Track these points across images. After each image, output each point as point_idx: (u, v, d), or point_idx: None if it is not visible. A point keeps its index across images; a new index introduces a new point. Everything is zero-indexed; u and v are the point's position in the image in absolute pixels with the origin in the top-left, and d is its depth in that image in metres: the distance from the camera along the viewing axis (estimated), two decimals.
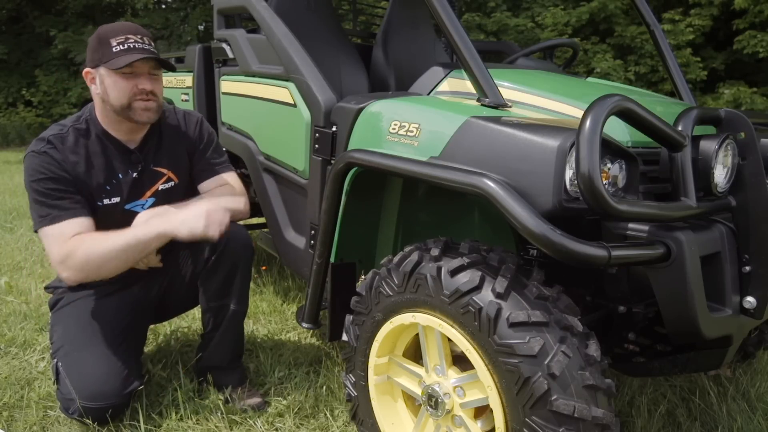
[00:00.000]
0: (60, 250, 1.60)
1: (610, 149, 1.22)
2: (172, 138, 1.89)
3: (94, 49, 1.68)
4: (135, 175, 1.81)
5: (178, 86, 3.03)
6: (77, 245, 1.60)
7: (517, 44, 5.52)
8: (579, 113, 1.41)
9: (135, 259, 1.63)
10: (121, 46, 1.64)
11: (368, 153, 1.55)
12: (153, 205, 1.84)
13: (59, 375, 1.71)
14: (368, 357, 1.56)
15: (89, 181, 1.74)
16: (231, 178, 1.95)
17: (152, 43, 1.72)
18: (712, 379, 2.08)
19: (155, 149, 1.86)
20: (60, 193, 1.65)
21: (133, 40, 1.66)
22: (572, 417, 1.14)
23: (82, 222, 1.65)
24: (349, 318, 1.62)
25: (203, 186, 1.92)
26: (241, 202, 1.89)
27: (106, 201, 1.77)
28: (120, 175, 1.79)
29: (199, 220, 1.58)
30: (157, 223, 1.60)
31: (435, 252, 1.37)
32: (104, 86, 1.68)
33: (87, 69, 1.71)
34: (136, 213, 1.81)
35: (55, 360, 1.75)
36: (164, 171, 1.87)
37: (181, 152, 1.91)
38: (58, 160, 1.68)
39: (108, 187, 1.77)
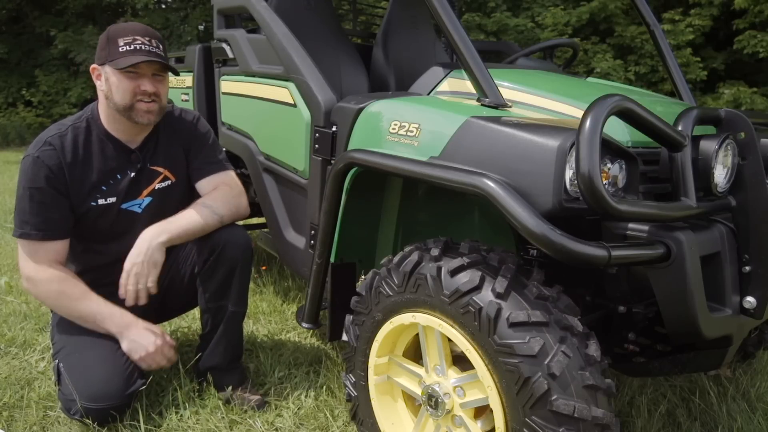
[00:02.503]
0: (30, 271, 1.72)
1: (610, 149, 1.22)
2: (169, 136, 1.89)
3: (102, 46, 1.70)
4: (133, 174, 1.81)
5: (178, 86, 3.03)
6: (43, 281, 1.71)
7: (517, 44, 5.52)
8: (579, 113, 1.41)
9: (85, 325, 1.75)
10: (127, 47, 1.65)
11: (368, 153, 1.55)
12: (150, 205, 1.84)
13: (60, 376, 1.71)
14: (368, 357, 1.56)
15: (84, 182, 1.74)
16: (229, 177, 1.93)
17: (161, 46, 1.72)
18: (712, 379, 2.08)
19: (153, 148, 1.86)
20: (46, 206, 1.69)
21: (140, 42, 1.66)
22: (572, 417, 1.14)
23: (57, 248, 1.73)
24: (349, 318, 1.62)
25: (200, 185, 1.91)
26: (239, 204, 1.89)
27: (101, 201, 1.77)
28: (119, 176, 1.79)
29: (138, 352, 1.72)
30: (116, 322, 1.73)
31: (435, 252, 1.37)
32: (109, 85, 1.69)
33: (94, 65, 1.72)
34: (132, 212, 1.82)
35: (57, 360, 1.75)
36: (161, 170, 1.87)
37: (178, 151, 1.90)
38: (52, 167, 1.68)
39: (104, 188, 1.77)
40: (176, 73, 1.79)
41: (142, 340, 1.73)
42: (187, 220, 1.77)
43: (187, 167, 1.93)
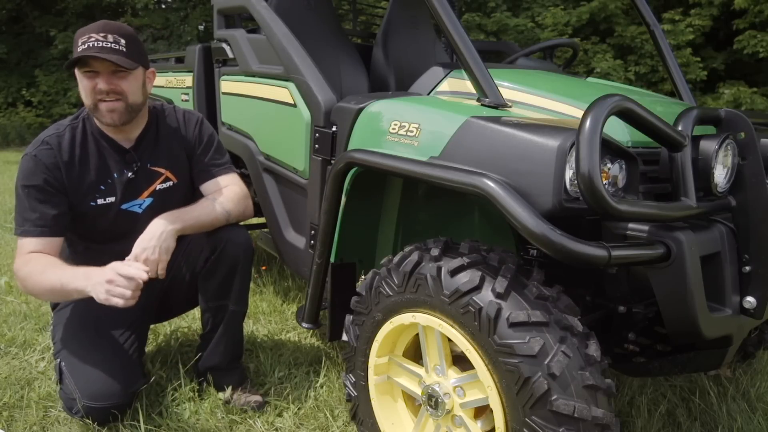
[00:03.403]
0: (16, 261, 1.68)
1: (610, 149, 1.22)
2: (170, 137, 1.89)
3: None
4: (131, 174, 1.80)
5: (178, 86, 3.03)
6: (23, 264, 1.65)
7: (517, 44, 5.52)
8: (579, 113, 1.41)
9: (61, 298, 1.67)
10: (83, 45, 1.61)
11: (368, 153, 1.55)
12: (151, 205, 1.84)
13: (62, 375, 1.71)
14: (368, 357, 1.56)
15: (82, 182, 1.74)
16: (233, 179, 1.93)
17: (122, 41, 1.64)
18: (712, 379, 2.08)
19: (152, 149, 1.85)
20: (43, 204, 1.68)
21: (94, 39, 1.61)
22: (572, 417, 1.14)
23: (52, 244, 1.69)
24: (349, 318, 1.62)
25: (206, 186, 1.91)
26: (247, 206, 1.89)
27: (99, 201, 1.76)
28: (115, 175, 1.79)
29: (99, 290, 1.52)
30: (84, 276, 1.56)
31: (435, 252, 1.37)
32: (79, 87, 1.69)
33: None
34: (133, 213, 1.81)
35: (58, 360, 1.75)
36: (162, 171, 1.87)
37: (180, 152, 1.90)
38: (48, 165, 1.68)
39: (102, 187, 1.77)
40: (129, 68, 1.65)
41: (99, 282, 1.53)
42: (198, 212, 1.76)
43: (189, 169, 1.93)
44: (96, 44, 1.60)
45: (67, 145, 1.72)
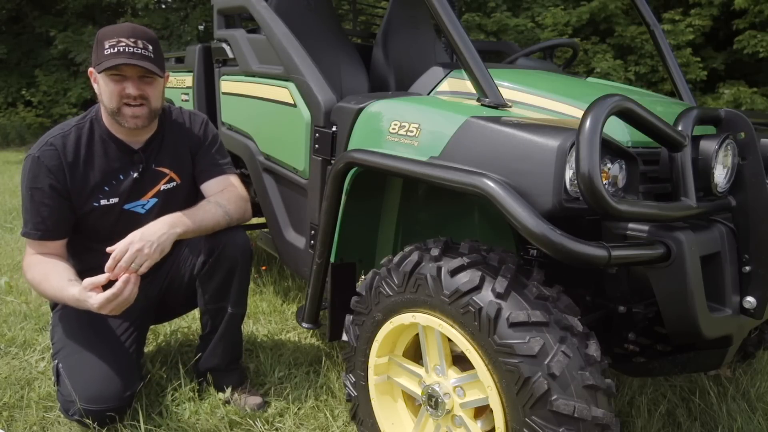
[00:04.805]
0: (23, 260, 1.76)
1: (610, 149, 1.22)
2: (176, 138, 1.89)
3: (93, 49, 1.69)
4: (136, 175, 1.81)
5: (178, 86, 3.03)
6: (28, 267, 1.74)
7: (517, 44, 5.52)
8: (579, 113, 1.41)
9: (60, 302, 1.73)
10: (111, 49, 1.61)
11: (368, 153, 1.55)
12: (155, 206, 1.84)
13: (60, 376, 1.71)
14: (368, 357, 1.56)
15: (86, 183, 1.74)
16: (233, 181, 1.93)
17: (150, 47, 1.66)
18: (712, 379, 2.08)
19: (158, 149, 1.85)
20: (45, 207, 1.70)
21: (124, 44, 1.62)
22: (572, 417, 1.14)
23: (55, 246, 1.75)
24: (349, 318, 1.62)
25: (205, 187, 1.90)
26: (246, 209, 1.89)
27: (103, 202, 1.77)
28: (121, 176, 1.79)
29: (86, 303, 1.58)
30: (76, 291, 1.60)
31: (435, 252, 1.37)
32: (99, 88, 1.69)
33: (90, 68, 1.72)
34: (135, 213, 1.81)
35: (56, 361, 1.75)
36: (166, 171, 1.87)
37: (184, 152, 1.90)
38: (52, 168, 1.68)
39: (106, 188, 1.77)
40: (162, 76, 1.72)
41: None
42: (202, 216, 1.75)
43: (192, 169, 1.92)
44: (128, 49, 1.62)
45: (72, 146, 1.72)
